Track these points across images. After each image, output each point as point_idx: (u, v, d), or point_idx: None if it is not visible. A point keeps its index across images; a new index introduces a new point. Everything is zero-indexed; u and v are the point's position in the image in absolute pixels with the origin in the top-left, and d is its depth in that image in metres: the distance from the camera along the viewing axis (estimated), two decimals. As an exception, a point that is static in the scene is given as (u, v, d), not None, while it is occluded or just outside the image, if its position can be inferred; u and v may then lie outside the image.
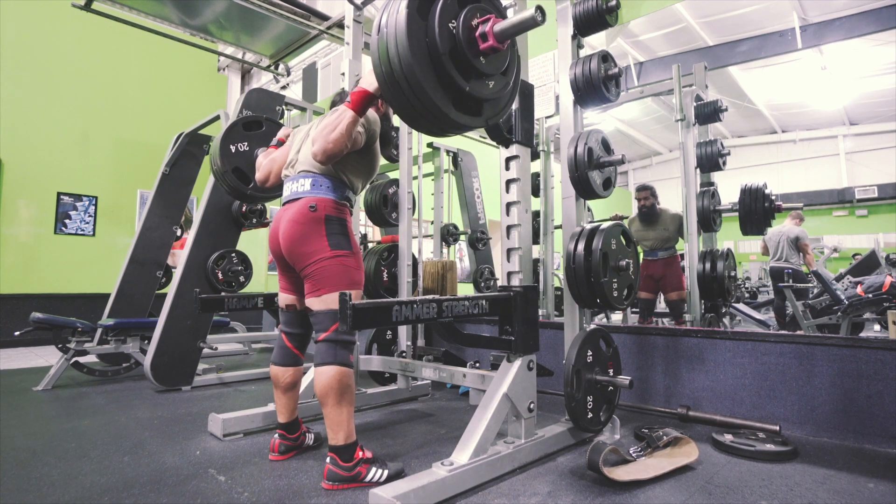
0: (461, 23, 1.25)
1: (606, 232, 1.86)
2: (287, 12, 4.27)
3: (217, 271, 3.24)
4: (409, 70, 1.17)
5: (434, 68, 1.22)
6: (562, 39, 2.15)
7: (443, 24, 1.21)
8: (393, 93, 1.24)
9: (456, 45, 1.24)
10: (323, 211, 1.64)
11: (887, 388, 1.91)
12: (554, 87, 3.04)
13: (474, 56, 1.27)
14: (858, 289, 3.81)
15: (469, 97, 1.29)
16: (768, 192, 3.16)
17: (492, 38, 1.26)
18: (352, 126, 1.54)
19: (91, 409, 2.56)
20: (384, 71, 1.22)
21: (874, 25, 6.32)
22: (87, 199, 5.80)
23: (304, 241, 1.62)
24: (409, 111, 1.26)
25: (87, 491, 1.51)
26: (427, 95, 1.20)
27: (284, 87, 7.80)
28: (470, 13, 1.27)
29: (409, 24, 1.17)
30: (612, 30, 2.28)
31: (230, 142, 2.56)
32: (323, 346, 1.59)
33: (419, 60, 1.18)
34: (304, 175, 1.69)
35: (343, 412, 1.54)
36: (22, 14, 5.52)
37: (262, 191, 2.46)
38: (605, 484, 1.54)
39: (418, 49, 1.18)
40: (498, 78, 1.37)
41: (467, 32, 1.25)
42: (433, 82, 1.21)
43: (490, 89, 1.34)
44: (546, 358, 2.74)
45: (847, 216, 11.76)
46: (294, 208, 1.66)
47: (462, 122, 1.29)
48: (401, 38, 1.17)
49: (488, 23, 1.27)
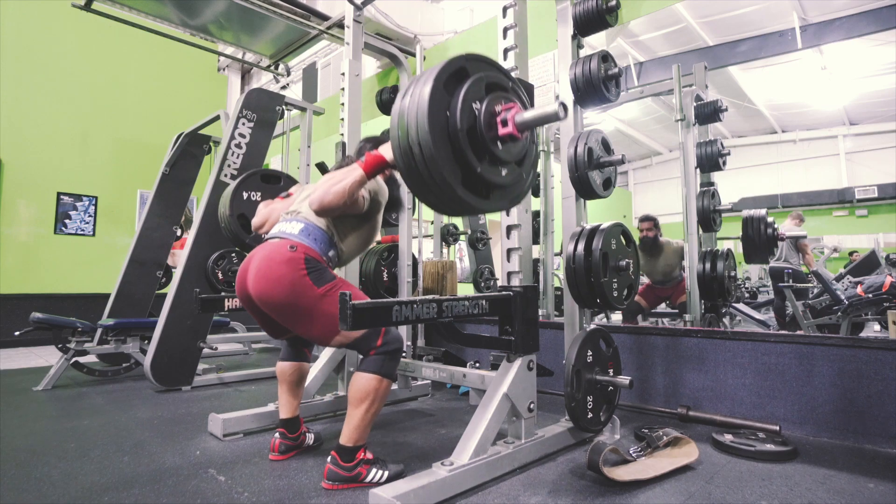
0: (484, 106, 1.27)
1: (606, 232, 1.86)
2: (287, 12, 4.28)
3: (217, 271, 3.24)
4: (425, 138, 1.18)
5: (450, 142, 1.22)
6: (562, 39, 2.15)
7: (466, 102, 1.23)
8: (404, 158, 1.24)
9: (475, 124, 1.26)
10: (302, 252, 1.54)
11: (887, 388, 1.91)
12: (554, 87, 3.04)
13: (492, 140, 1.28)
14: (858, 289, 3.81)
15: (480, 179, 1.28)
16: (770, 220, 3.12)
17: (512, 125, 1.27)
18: (357, 186, 1.51)
19: (91, 409, 2.56)
20: (399, 135, 1.23)
21: (874, 25, 6.31)
22: (87, 199, 5.81)
23: (281, 284, 1.48)
24: (417, 179, 1.24)
25: (87, 491, 1.51)
26: (437, 167, 1.19)
27: (284, 87, 7.79)
28: (495, 98, 1.29)
29: (432, 96, 1.19)
30: (612, 30, 2.28)
31: (245, 188, 2.58)
32: (372, 357, 1.56)
33: (435, 131, 1.19)
34: (298, 219, 1.63)
35: (367, 419, 1.54)
36: (22, 14, 5.52)
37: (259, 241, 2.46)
38: (605, 484, 1.54)
39: (437, 121, 1.20)
40: (512, 167, 1.37)
41: (489, 116, 1.27)
42: (446, 155, 1.21)
43: (502, 176, 1.33)
44: (546, 358, 2.74)
45: (847, 216, 11.74)
46: (270, 247, 1.55)
47: (468, 201, 1.28)
48: (422, 107, 1.18)
49: (511, 110, 1.29)
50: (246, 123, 3.25)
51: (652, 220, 4.05)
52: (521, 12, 1.96)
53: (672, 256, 3.96)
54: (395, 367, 1.60)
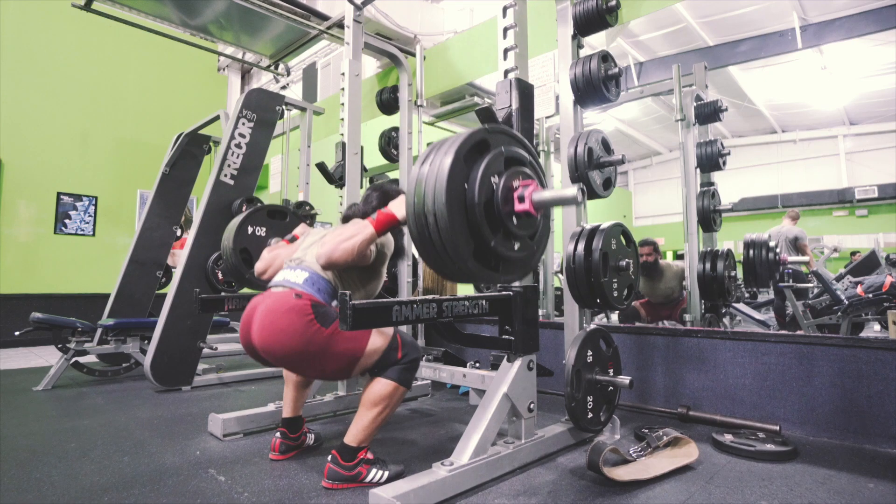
0: (503, 181, 1.28)
1: (606, 232, 1.86)
2: (287, 12, 4.28)
3: (217, 271, 3.24)
4: (441, 210, 1.18)
5: (465, 214, 1.23)
6: (562, 39, 2.15)
7: (486, 175, 1.25)
8: (418, 226, 1.24)
9: (492, 198, 1.27)
10: (308, 299, 1.51)
11: (887, 388, 1.91)
12: (554, 87, 3.04)
13: (507, 215, 1.29)
14: (858, 289, 3.81)
15: (492, 252, 1.29)
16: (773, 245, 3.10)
17: (529, 202, 1.28)
18: (367, 244, 1.50)
19: (91, 409, 2.56)
20: (415, 202, 1.23)
21: (874, 25, 6.32)
22: (87, 199, 5.80)
23: (289, 334, 1.45)
24: (429, 248, 1.25)
25: (87, 491, 1.51)
26: (451, 238, 1.20)
27: (284, 87, 7.80)
28: (514, 174, 1.30)
29: (452, 168, 1.20)
30: (612, 30, 2.28)
31: (250, 223, 2.56)
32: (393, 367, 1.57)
33: (453, 204, 1.20)
34: (303, 268, 1.61)
35: (377, 422, 1.55)
36: (22, 14, 5.52)
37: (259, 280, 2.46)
38: (605, 484, 1.54)
39: (455, 193, 1.20)
40: (524, 242, 1.38)
41: (506, 191, 1.28)
42: (461, 228, 1.22)
43: (514, 251, 1.35)
44: (546, 358, 2.74)
45: (847, 216, 11.74)
46: (273, 297, 1.53)
47: (477, 272, 1.28)
48: (441, 178, 1.19)
49: (529, 188, 1.29)
50: (246, 123, 3.25)
51: (652, 245, 4.07)
52: (521, 12, 1.96)
53: (672, 279, 3.96)
54: (413, 376, 1.61)
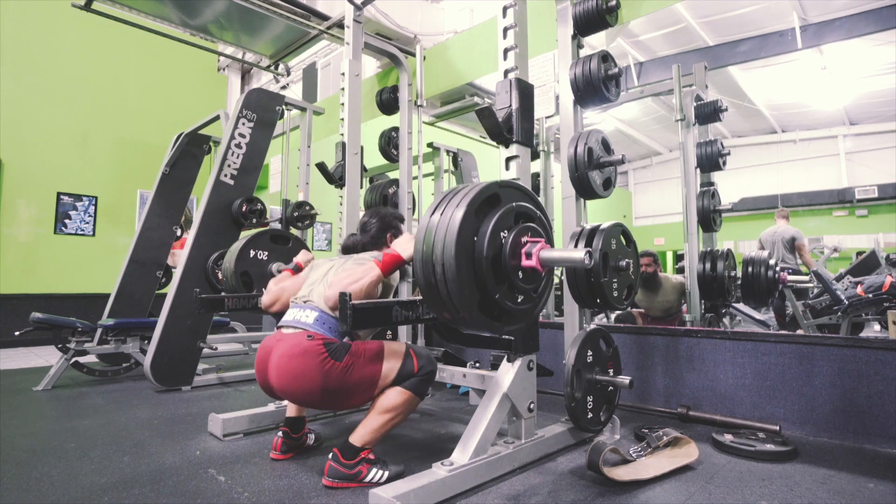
0: (512, 236, 1.31)
1: (606, 232, 1.86)
2: (287, 12, 4.28)
3: (217, 271, 3.24)
4: (449, 262, 1.21)
5: (473, 267, 1.26)
6: (562, 39, 2.15)
7: (495, 231, 1.28)
8: (425, 274, 1.28)
9: (500, 253, 1.30)
10: (321, 339, 1.53)
11: (887, 388, 1.91)
12: (554, 87, 3.04)
13: (513, 269, 1.32)
14: (858, 289, 3.81)
15: (496, 304, 1.32)
16: (772, 263, 3.08)
17: (536, 259, 1.31)
18: (374, 286, 1.56)
19: (91, 409, 2.56)
20: (424, 249, 1.27)
21: (874, 25, 6.31)
22: (87, 199, 5.80)
23: (305, 378, 1.47)
24: (435, 296, 1.28)
25: (87, 491, 1.51)
26: (458, 289, 1.22)
27: (284, 87, 7.80)
28: (523, 230, 1.34)
29: (463, 220, 1.23)
30: (612, 30, 2.27)
31: (252, 247, 2.58)
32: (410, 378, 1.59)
33: (461, 255, 1.23)
34: (312, 307, 1.63)
35: (386, 427, 1.56)
36: (22, 14, 5.52)
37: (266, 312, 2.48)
38: (605, 484, 1.54)
39: (464, 245, 1.23)
40: (528, 295, 1.41)
41: (514, 246, 1.31)
42: (467, 279, 1.25)
43: (517, 303, 1.37)
44: (546, 358, 2.73)
45: (847, 216, 11.73)
46: (288, 340, 1.55)
47: (481, 322, 1.31)
48: (451, 231, 1.22)
49: (537, 245, 1.32)
50: (246, 123, 3.25)
51: (651, 256, 4.05)
52: (521, 12, 1.96)
53: (671, 293, 3.93)
54: (428, 388, 1.63)
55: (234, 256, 2.53)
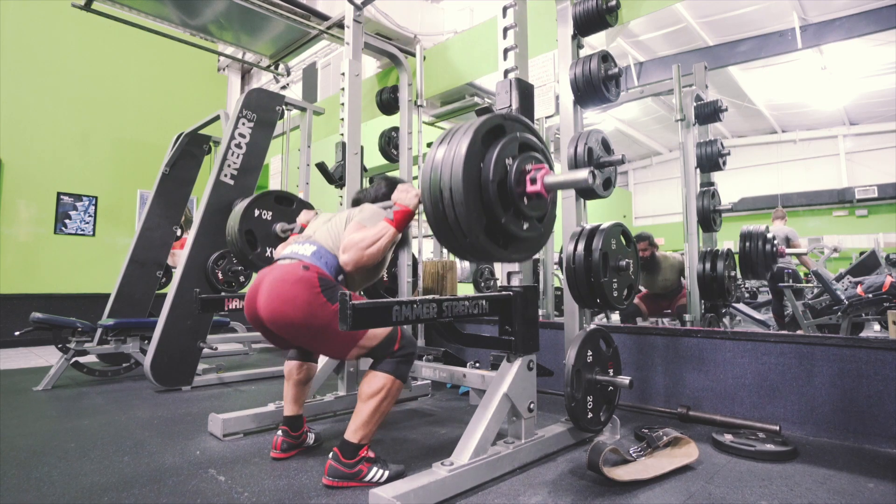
0: (516, 163, 1.34)
1: (606, 232, 1.86)
2: (287, 12, 4.28)
3: (217, 271, 3.24)
4: (457, 185, 1.24)
5: (479, 192, 1.29)
6: (562, 39, 2.15)
7: (500, 157, 1.31)
8: (433, 201, 1.30)
9: (505, 179, 1.33)
10: (315, 272, 1.54)
11: (887, 388, 1.91)
12: (554, 87, 3.04)
13: (519, 195, 1.35)
14: (858, 289, 3.81)
15: (502, 229, 1.35)
16: (770, 237, 3.09)
17: (541, 184, 1.34)
18: (390, 243, 1.60)
19: (91, 409, 2.56)
20: (431, 178, 1.30)
21: (874, 25, 6.32)
22: (87, 199, 5.80)
23: (296, 304, 1.47)
24: (442, 223, 1.30)
25: (87, 491, 1.51)
26: (464, 213, 1.25)
27: (284, 87, 7.80)
28: (527, 158, 1.37)
29: (470, 147, 1.26)
30: (612, 30, 2.28)
31: (257, 206, 2.63)
32: (388, 360, 1.58)
33: (468, 179, 1.25)
34: (312, 242, 1.66)
35: (376, 417, 1.55)
36: (22, 14, 5.52)
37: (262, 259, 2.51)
38: (605, 484, 1.54)
39: (471, 170, 1.26)
40: (533, 223, 1.43)
41: (519, 173, 1.34)
42: (474, 204, 1.27)
43: (523, 230, 1.40)
44: (546, 358, 2.73)
45: (847, 216, 11.74)
46: (281, 268, 1.56)
47: (487, 248, 1.33)
48: (459, 156, 1.25)
49: (541, 171, 1.35)
50: (246, 123, 3.25)
51: (646, 240, 4.08)
52: (521, 12, 1.96)
53: (670, 272, 3.97)
54: (409, 370, 1.63)
55: (239, 215, 2.57)
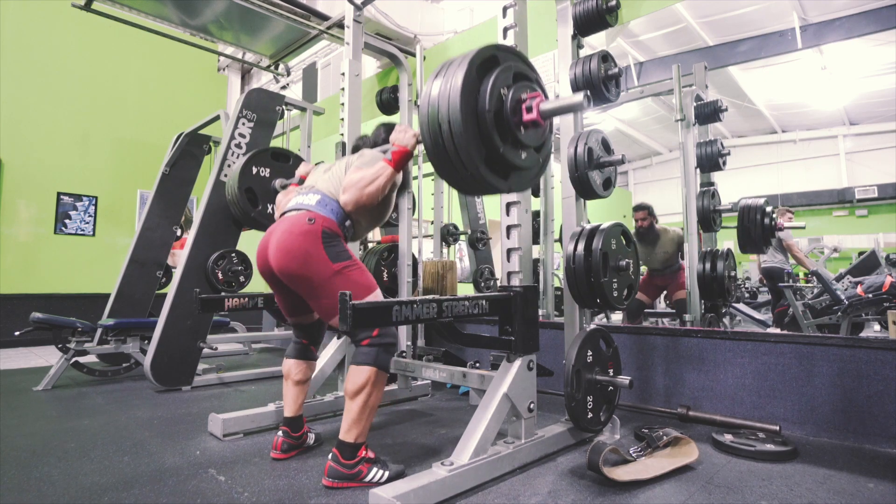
0: (511, 92, 1.35)
1: (606, 232, 1.86)
2: (287, 12, 4.28)
3: (217, 271, 3.24)
4: (455, 116, 1.25)
5: (477, 122, 1.29)
6: (562, 39, 2.15)
7: (496, 87, 1.31)
8: (431, 134, 1.31)
9: (502, 109, 1.33)
10: (320, 225, 1.60)
11: (887, 388, 1.91)
12: (554, 87, 3.04)
13: (516, 124, 1.35)
14: (858, 289, 3.81)
15: (501, 159, 1.35)
16: (769, 210, 3.10)
17: (536, 112, 1.34)
18: (389, 183, 1.61)
19: (91, 409, 2.56)
20: (429, 112, 1.30)
21: (874, 25, 6.31)
22: (87, 199, 5.81)
23: (301, 256, 1.56)
24: (442, 156, 1.31)
25: (87, 491, 1.51)
26: (464, 144, 1.26)
27: (284, 87, 7.80)
28: (521, 87, 1.37)
29: (466, 78, 1.26)
30: (612, 30, 2.28)
31: (254, 163, 2.65)
32: (366, 349, 1.58)
33: (465, 113, 1.26)
34: (315, 191, 1.69)
35: (366, 412, 1.55)
36: (22, 14, 5.52)
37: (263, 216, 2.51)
38: (605, 484, 1.54)
39: (467, 103, 1.27)
40: (531, 152, 1.43)
41: (515, 102, 1.35)
42: (472, 134, 1.28)
43: (522, 160, 1.40)
44: (546, 358, 2.74)
45: (847, 216, 11.74)
46: (289, 220, 1.62)
47: (488, 179, 1.34)
48: (455, 87, 1.26)
49: (536, 98, 1.36)
50: (246, 123, 3.25)
51: (645, 209, 4.04)
52: (521, 12, 1.96)
53: (669, 245, 3.94)
54: (390, 360, 1.61)
55: (237, 174, 2.60)
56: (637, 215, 4.06)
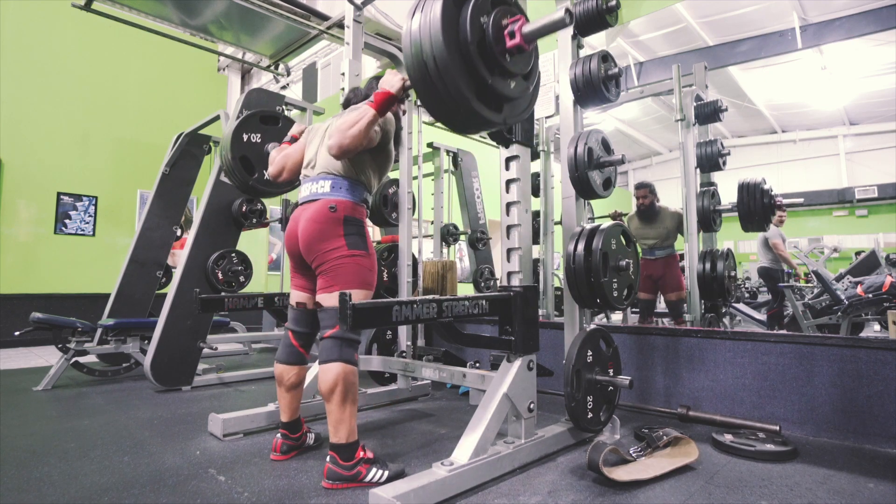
0: (491, 19, 1.31)
1: (606, 232, 1.86)
2: (287, 12, 4.27)
3: (217, 271, 3.24)
4: (440, 52, 1.22)
5: (462, 57, 1.26)
6: (562, 39, 2.15)
7: (475, 17, 1.28)
8: (419, 74, 1.28)
9: (484, 38, 1.30)
10: (342, 212, 1.68)
11: (887, 388, 1.91)
12: (554, 87, 3.04)
13: (500, 52, 1.32)
14: (858, 289, 3.81)
15: (491, 91, 1.33)
16: (767, 188, 3.13)
17: (519, 36, 1.31)
18: (371, 125, 1.58)
19: (91, 409, 2.56)
20: (413, 52, 1.27)
21: (874, 25, 6.32)
22: (87, 199, 5.80)
23: (322, 239, 1.66)
24: (433, 94, 1.28)
25: (87, 491, 1.51)
26: (452, 78, 1.24)
27: (284, 87, 7.80)
28: (501, 12, 1.33)
29: (443, 13, 1.23)
30: (612, 30, 2.28)
31: (244, 130, 2.59)
32: (328, 343, 1.59)
33: (448, 46, 1.23)
34: (323, 177, 1.72)
35: (346, 410, 1.54)
36: (22, 14, 5.52)
37: (267, 184, 2.48)
38: (605, 484, 1.54)
39: (449, 37, 1.24)
40: (520, 80, 1.41)
41: (496, 30, 1.31)
42: (459, 69, 1.25)
43: (511, 89, 1.38)
44: (546, 358, 2.74)
45: (847, 216, 11.75)
46: (313, 208, 1.69)
47: (482, 113, 1.32)
48: (434, 22, 1.23)
49: (517, 23, 1.33)
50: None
51: (647, 188, 3.99)
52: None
53: (669, 220, 3.90)
54: (354, 354, 1.62)
55: (229, 142, 2.53)
56: (638, 193, 4.03)
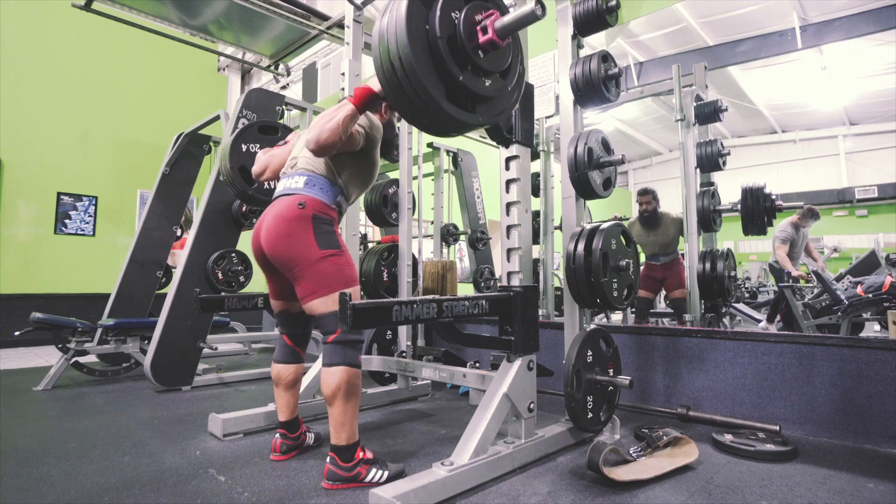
0: (463, 15, 1.25)
1: (606, 232, 1.86)
2: (287, 12, 4.27)
3: (217, 271, 3.24)
4: (405, 51, 1.16)
5: (430, 53, 1.20)
6: (562, 39, 2.15)
7: (445, 12, 1.22)
8: (386, 76, 1.23)
9: (455, 33, 1.24)
10: (311, 209, 1.60)
11: (887, 388, 1.91)
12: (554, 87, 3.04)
13: (472, 49, 1.25)
14: (858, 289, 3.81)
15: (463, 89, 1.26)
16: (768, 192, 3.16)
17: (492, 31, 1.25)
18: (349, 120, 1.52)
19: (91, 409, 2.56)
20: (381, 53, 1.22)
21: (874, 25, 6.32)
22: (87, 199, 5.80)
23: (289, 240, 1.57)
24: (401, 96, 1.23)
25: (87, 491, 1.51)
26: (418, 79, 1.17)
27: (284, 87, 7.80)
28: (474, 8, 1.27)
29: (409, 8, 1.17)
30: (612, 30, 2.28)
31: (243, 140, 2.61)
32: (330, 348, 1.57)
33: (415, 43, 1.17)
34: (300, 173, 1.68)
35: (348, 412, 1.54)
36: (22, 14, 5.52)
37: (266, 193, 2.48)
38: (605, 484, 1.54)
39: (416, 32, 1.18)
40: (496, 78, 1.35)
41: (468, 25, 1.25)
42: (427, 67, 1.19)
43: (486, 87, 1.31)
44: (546, 358, 2.74)
45: (847, 216, 11.76)
46: (281, 203, 1.63)
47: (453, 115, 1.25)
48: (400, 20, 1.17)
49: (491, 17, 1.27)
50: (246, 123, 3.25)
51: (650, 194, 4.01)
52: (521, 12, 1.95)
53: (671, 226, 3.93)
54: (358, 356, 1.60)
55: (228, 153, 2.54)
56: (641, 199, 4.05)
